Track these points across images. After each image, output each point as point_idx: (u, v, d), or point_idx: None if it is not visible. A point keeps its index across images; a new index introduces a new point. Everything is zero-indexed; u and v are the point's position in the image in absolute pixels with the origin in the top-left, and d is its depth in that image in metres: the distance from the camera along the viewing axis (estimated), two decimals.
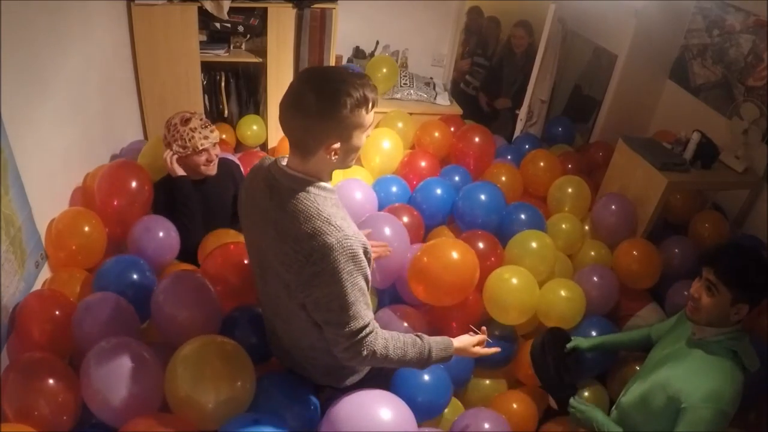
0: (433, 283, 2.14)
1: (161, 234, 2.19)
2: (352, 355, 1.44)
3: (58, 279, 2.03)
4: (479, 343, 1.67)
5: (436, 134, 3.34)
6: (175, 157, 2.33)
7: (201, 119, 2.35)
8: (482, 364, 2.29)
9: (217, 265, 2.04)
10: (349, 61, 3.89)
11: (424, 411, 1.91)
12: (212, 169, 2.40)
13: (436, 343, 1.56)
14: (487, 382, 2.32)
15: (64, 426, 1.57)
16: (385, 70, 3.72)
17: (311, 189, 1.40)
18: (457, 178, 3.01)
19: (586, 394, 2.17)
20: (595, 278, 2.47)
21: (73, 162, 2.30)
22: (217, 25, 3.18)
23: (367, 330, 1.42)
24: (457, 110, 3.86)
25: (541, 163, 3.11)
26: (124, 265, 2.02)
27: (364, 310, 1.41)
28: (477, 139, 3.20)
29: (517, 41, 4.02)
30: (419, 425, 1.75)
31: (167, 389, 1.57)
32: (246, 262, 1.98)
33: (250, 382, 1.60)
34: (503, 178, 3.00)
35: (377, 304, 2.34)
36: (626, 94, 3.41)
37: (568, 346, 2.10)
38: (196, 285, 1.87)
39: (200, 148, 2.30)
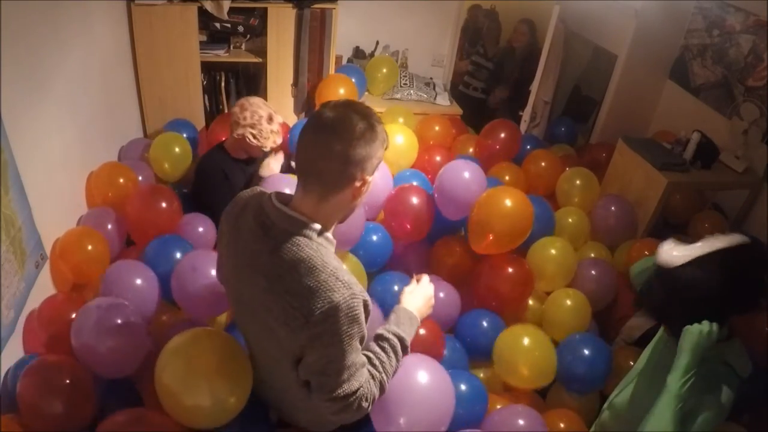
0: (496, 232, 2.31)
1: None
2: (345, 416, 1.31)
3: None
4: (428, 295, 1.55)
5: (437, 128, 3.34)
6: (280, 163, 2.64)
7: (278, 123, 2.54)
8: (477, 359, 2.29)
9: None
10: (349, 61, 3.90)
11: (462, 422, 1.89)
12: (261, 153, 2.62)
13: (405, 332, 1.42)
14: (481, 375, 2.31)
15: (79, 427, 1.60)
16: (385, 70, 3.72)
17: (314, 236, 1.23)
18: None
19: None
20: (593, 272, 2.49)
21: (73, 162, 2.30)
22: (217, 25, 3.18)
23: (360, 392, 1.28)
24: (457, 110, 3.86)
25: (542, 163, 3.11)
26: (169, 244, 2.17)
27: (357, 372, 1.27)
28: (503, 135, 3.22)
29: (518, 36, 4.02)
30: None
31: (157, 384, 1.49)
32: None
33: (246, 379, 1.50)
34: (507, 177, 3.00)
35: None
36: (626, 94, 3.41)
37: None
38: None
39: (267, 149, 2.53)
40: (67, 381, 1.60)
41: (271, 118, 2.49)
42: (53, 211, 2.09)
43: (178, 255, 2.14)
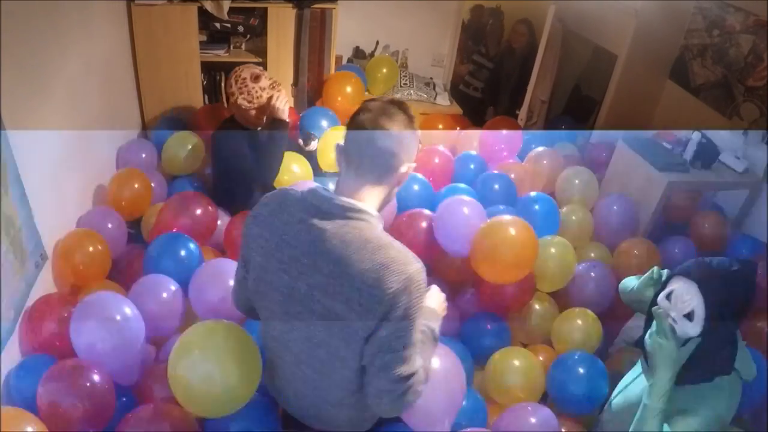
0: (495, 262, 2.23)
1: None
2: (400, 404, 1.32)
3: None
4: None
5: (440, 126, 3.34)
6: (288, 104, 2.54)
7: (269, 78, 2.51)
8: (483, 363, 2.30)
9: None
10: (349, 61, 3.90)
11: None
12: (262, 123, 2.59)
13: (434, 325, 1.47)
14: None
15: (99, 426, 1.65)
16: (385, 70, 3.72)
17: (372, 220, 1.28)
18: (472, 166, 3.02)
19: None
20: (591, 273, 2.49)
21: (73, 162, 2.30)
22: (217, 25, 3.18)
23: (417, 375, 1.30)
24: (457, 110, 3.86)
25: (545, 161, 3.11)
26: (172, 242, 2.18)
27: (415, 352, 1.29)
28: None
29: (516, 37, 4.02)
30: None
31: (170, 372, 1.54)
32: None
33: (256, 368, 1.55)
34: (512, 175, 2.99)
35: None
36: (626, 94, 3.41)
37: None
38: None
39: (263, 103, 2.48)
40: (88, 384, 1.63)
41: (256, 77, 2.47)
42: (53, 211, 2.09)
43: (183, 253, 2.16)
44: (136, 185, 2.53)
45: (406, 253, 1.25)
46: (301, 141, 2.83)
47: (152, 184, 2.65)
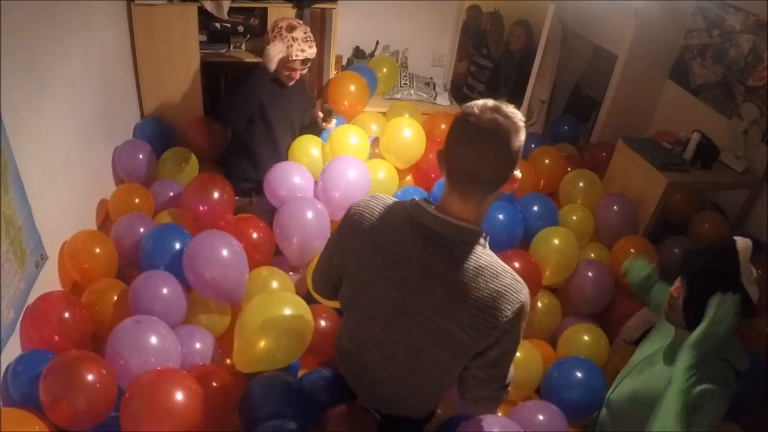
0: None
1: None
2: (493, 407, 1.43)
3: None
4: None
5: (443, 126, 3.34)
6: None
7: (305, 32, 2.57)
8: None
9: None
10: (349, 61, 3.90)
11: None
12: (290, 82, 2.66)
13: None
14: None
15: (101, 416, 1.67)
16: (385, 70, 3.72)
17: (485, 243, 1.28)
18: None
19: None
20: (590, 273, 2.49)
21: (73, 162, 2.30)
22: (217, 25, 3.18)
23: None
24: (457, 110, 3.84)
25: (546, 161, 3.11)
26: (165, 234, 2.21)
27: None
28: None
29: (514, 39, 4.02)
30: None
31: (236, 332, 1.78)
32: None
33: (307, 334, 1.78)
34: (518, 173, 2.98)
35: None
36: (626, 94, 3.41)
37: None
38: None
39: (293, 58, 2.53)
40: (91, 377, 1.64)
41: (291, 27, 2.56)
42: (53, 211, 2.09)
43: (178, 246, 2.17)
44: (136, 200, 2.54)
45: (517, 280, 1.27)
46: (321, 115, 2.91)
47: (171, 194, 2.70)
